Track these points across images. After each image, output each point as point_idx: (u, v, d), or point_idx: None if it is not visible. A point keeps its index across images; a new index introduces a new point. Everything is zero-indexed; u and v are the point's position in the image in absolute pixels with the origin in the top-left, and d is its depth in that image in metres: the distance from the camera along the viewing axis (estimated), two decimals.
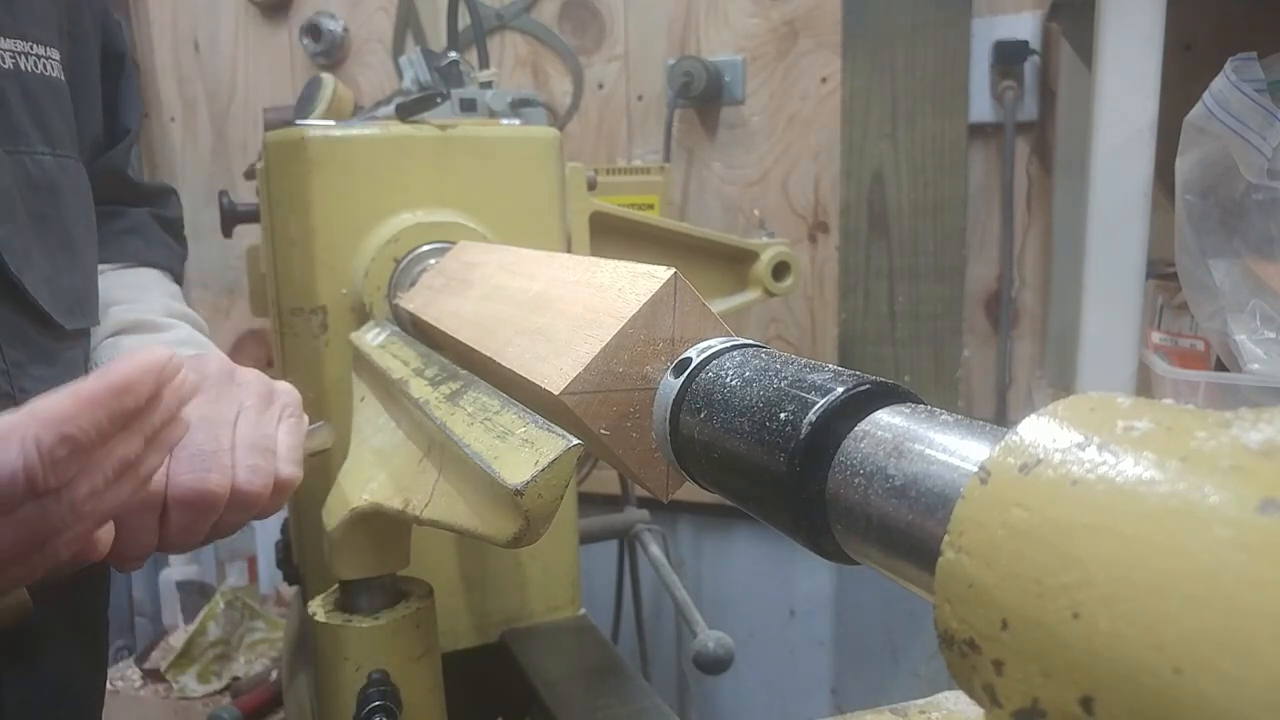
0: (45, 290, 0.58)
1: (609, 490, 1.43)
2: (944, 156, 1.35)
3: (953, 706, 0.41)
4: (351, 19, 1.72)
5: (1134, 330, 0.93)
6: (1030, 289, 1.39)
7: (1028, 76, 1.32)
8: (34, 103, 0.58)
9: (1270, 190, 0.85)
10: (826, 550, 0.30)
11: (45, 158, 0.59)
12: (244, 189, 1.62)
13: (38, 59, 0.59)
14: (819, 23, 1.42)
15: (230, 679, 1.55)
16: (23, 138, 0.57)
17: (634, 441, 0.39)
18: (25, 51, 0.58)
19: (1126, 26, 0.88)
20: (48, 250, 0.58)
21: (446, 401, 0.49)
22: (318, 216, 0.77)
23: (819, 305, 1.49)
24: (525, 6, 1.59)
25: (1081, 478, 0.19)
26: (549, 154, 0.84)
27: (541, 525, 0.38)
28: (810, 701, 1.60)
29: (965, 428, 0.26)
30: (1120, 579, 0.17)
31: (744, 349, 0.37)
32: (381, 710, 0.57)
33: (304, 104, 1.04)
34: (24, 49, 0.57)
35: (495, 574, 0.88)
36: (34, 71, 0.58)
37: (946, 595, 0.22)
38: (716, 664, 0.93)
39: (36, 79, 0.58)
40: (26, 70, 0.58)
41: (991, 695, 0.20)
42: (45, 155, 0.59)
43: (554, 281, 0.48)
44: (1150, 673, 0.16)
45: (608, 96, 1.57)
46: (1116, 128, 0.90)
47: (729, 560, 1.61)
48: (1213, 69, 0.87)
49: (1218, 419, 0.19)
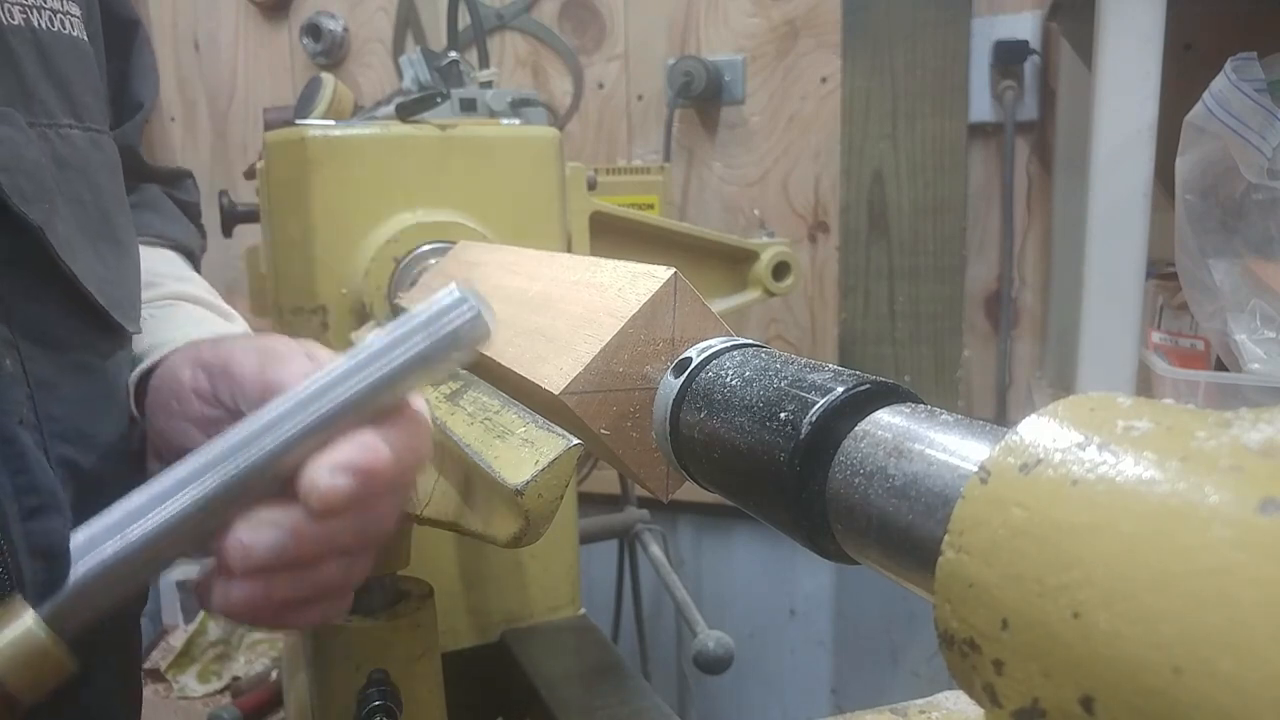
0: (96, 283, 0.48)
1: (609, 490, 1.43)
2: (944, 156, 1.35)
3: (953, 706, 0.41)
4: (351, 19, 1.72)
5: (1134, 330, 0.93)
6: (1030, 289, 1.39)
7: (1028, 76, 1.32)
8: (53, 66, 0.48)
9: (1270, 190, 0.85)
10: (826, 550, 0.30)
11: (73, 131, 0.49)
12: (244, 189, 1.62)
13: (53, 14, 0.49)
14: (819, 23, 1.42)
15: (230, 679, 1.55)
16: (42, 107, 0.47)
17: (634, 441, 0.39)
18: (38, 5, 0.48)
19: (1126, 26, 0.88)
20: (89, 239, 0.49)
21: (446, 401, 0.49)
22: (318, 216, 0.77)
23: (819, 305, 1.49)
24: (525, 6, 1.59)
25: (1082, 477, 0.19)
26: (549, 154, 0.84)
27: (542, 525, 0.38)
28: (810, 701, 1.60)
29: (965, 427, 0.26)
30: (1120, 578, 0.17)
31: (744, 349, 0.37)
32: (381, 710, 0.57)
33: (304, 104, 1.03)
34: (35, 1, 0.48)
35: (495, 574, 0.88)
36: (49, 28, 0.48)
37: (946, 595, 0.22)
38: (716, 664, 0.93)
39: (54, 37, 0.48)
40: (40, 27, 0.48)
41: (991, 695, 0.20)
42: (72, 129, 0.49)
43: (554, 281, 0.48)
44: (1150, 672, 0.16)
45: (608, 96, 1.57)
46: (1116, 128, 0.90)
47: (729, 560, 1.61)
48: (1213, 69, 0.87)
49: (1218, 419, 0.19)
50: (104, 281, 0.49)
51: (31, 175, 0.45)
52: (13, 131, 0.44)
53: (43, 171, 0.46)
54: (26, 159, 0.44)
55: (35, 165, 0.45)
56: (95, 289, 0.48)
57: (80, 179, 0.49)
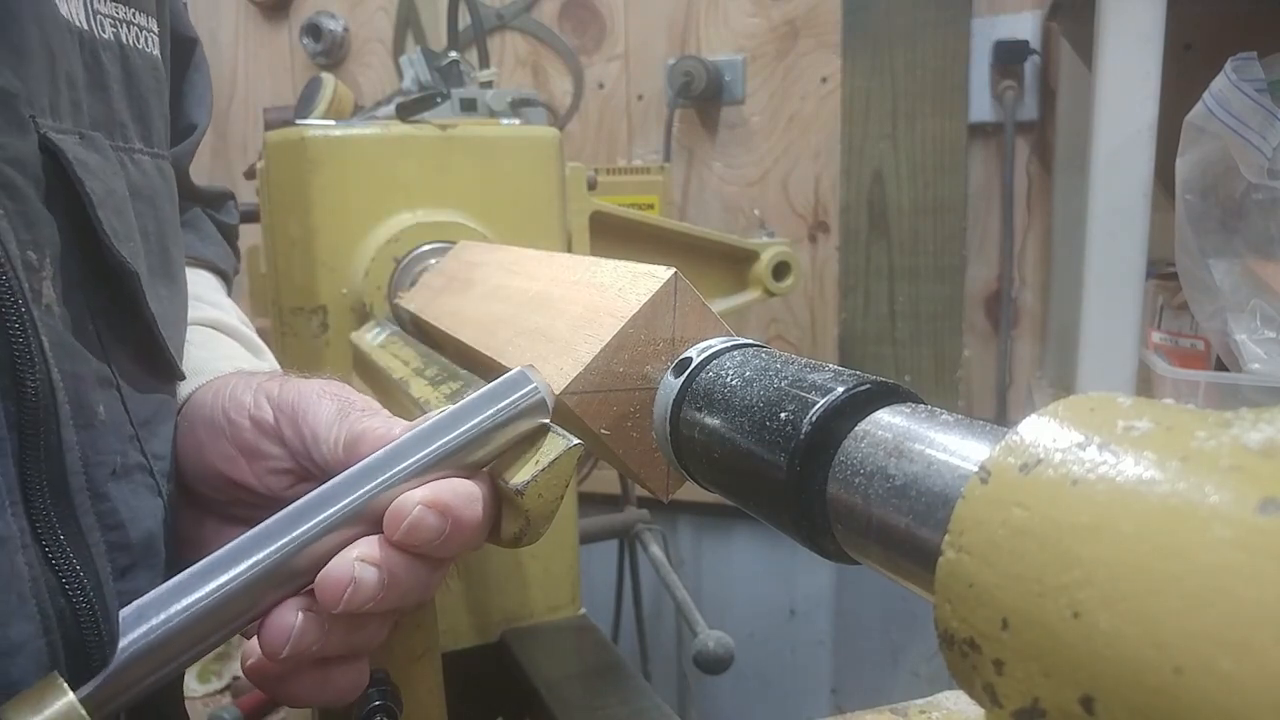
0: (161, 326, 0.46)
1: (609, 490, 1.43)
2: (944, 156, 1.35)
3: (953, 706, 0.41)
4: (351, 19, 1.72)
5: (1134, 330, 0.93)
6: (1030, 289, 1.39)
7: (1028, 76, 1.32)
8: (134, 86, 0.46)
9: (1270, 190, 0.85)
10: (826, 550, 0.30)
11: (144, 157, 0.46)
12: (244, 189, 1.62)
13: (140, 30, 0.46)
14: (819, 23, 1.42)
15: (230, 679, 1.55)
16: (120, 129, 0.44)
17: (634, 441, 0.39)
18: (128, 20, 0.45)
19: (1126, 26, 0.88)
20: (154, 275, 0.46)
21: (447, 401, 0.49)
22: (318, 216, 0.77)
23: (819, 305, 1.49)
24: (525, 6, 1.59)
25: (1082, 477, 0.19)
26: (549, 154, 0.84)
27: (542, 525, 0.38)
28: (810, 701, 1.60)
29: (965, 427, 0.26)
30: (1120, 578, 0.17)
31: (744, 349, 0.37)
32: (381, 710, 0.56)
33: (304, 104, 1.04)
34: (126, 16, 0.45)
35: (495, 574, 0.88)
36: (135, 45, 0.46)
37: (947, 595, 0.22)
38: (716, 664, 0.93)
39: (138, 55, 0.46)
40: (128, 44, 0.45)
41: (992, 695, 0.20)
42: (143, 154, 0.46)
43: (554, 281, 0.48)
44: (1151, 672, 0.16)
45: (608, 96, 1.57)
46: (1116, 128, 0.90)
47: (729, 560, 1.61)
48: (1213, 69, 0.87)
49: (1218, 419, 0.19)
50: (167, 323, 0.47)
51: (121, 212, 0.43)
52: (103, 161, 0.42)
53: (127, 205, 0.44)
54: (116, 194, 0.43)
55: (122, 200, 0.43)
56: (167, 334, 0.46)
57: (149, 210, 0.46)
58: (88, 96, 0.42)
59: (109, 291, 0.42)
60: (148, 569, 0.42)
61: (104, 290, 0.42)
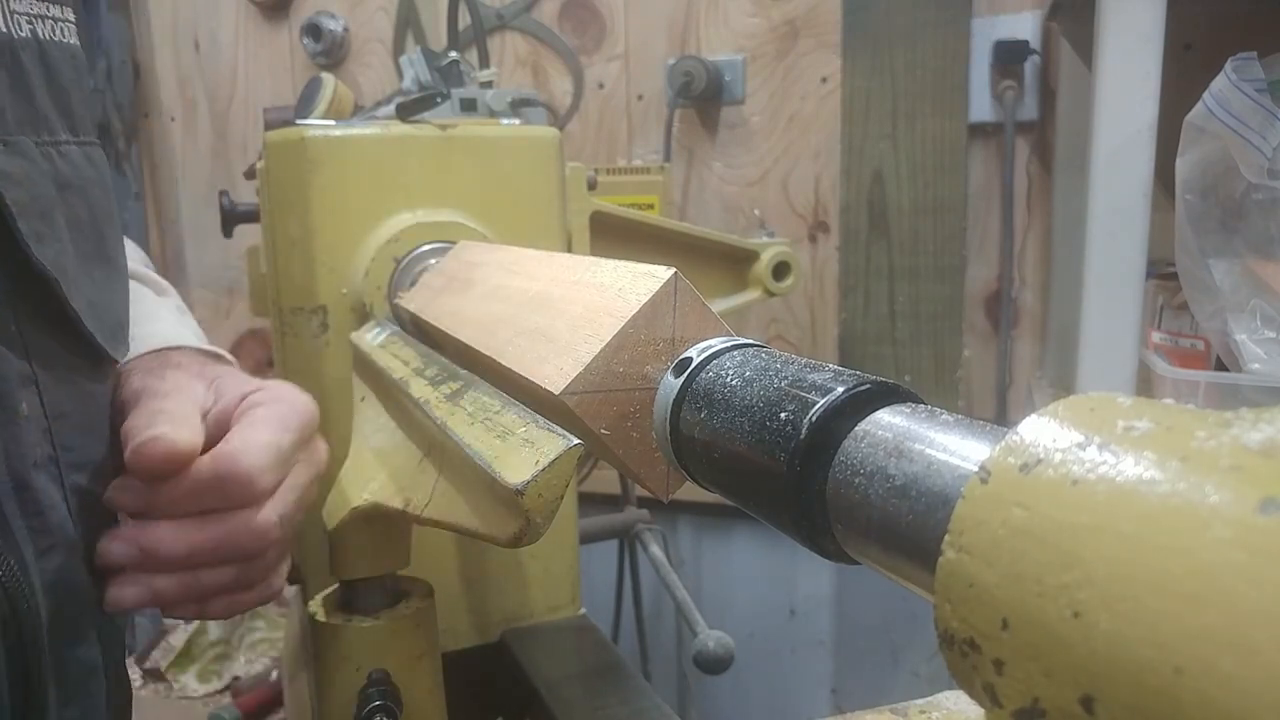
0: (92, 315, 0.48)
1: (609, 490, 1.42)
2: (944, 156, 1.35)
3: (953, 706, 0.41)
4: (351, 19, 1.72)
5: (1134, 330, 0.93)
6: (1030, 289, 1.39)
7: (1028, 76, 1.32)
8: (54, 79, 0.46)
9: (1270, 190, 0.85)
10: (826, 550, 0.30)
11: (70, 148, 0.47)
12: (244, 189, 1.62)
13: (55, 23, 0.47)
14: (819, 23, 1.42)
15: (230, 679, 1.55)
16: (45, 124, 0.45)
17: (634, 441, 0.39)
18: (43, 14, 0.46)
19: (1126, 26, 0.88)
20: (87, 265, 0.48)
21: (447, 401, 0.49)
22: (318, 216, 0.77)
23: (819, 305, 1.49)
24: (525, 6, 1.59)
25: (1082, 477, 0.19)
26: (549, 154, 0.84)
27: (542, 525, 0.38)
28: (810, 701, 1.60)
29: (965, 427, 0.26)
30: (1121, 578, 0.17)
31: (744, 349, 0.37)
32: (382, 710, 0.57)
33: (304, 104, 1.03)
34: (40, 10, 0.45)
35: (495, 574, 0.88)
36: (52, 39, 0.46)
37: (947, 595, 0.22)
38: (717, 664, 0.93)
39: (55, 47, 0.47)
40: (45, 38, 0.46)
41: (992, 695, 0.20)
42: (69, 144, 0.47)
43: (554, 281, 0.48)
44: (1151, 672, 0.16)
45: (608, 96, 1.57)
46: (1116, 128, 0.90)
47: (729, 560, 1.61)
48: (1213, 69, 0.87)
49: (1218, 419, 0.19)
50: (96, 307, 0.49)
51: (45, 214, 0.44)
52: (26, 164, 0.43)
53: (52, 205, 0.45)
54: (42, 197, 0.44)
55: (47, 201, 0.45)
56: (90, 320, 0.48)
57: (79, 199, 0.48)
58: (10, 99, 0.43)
59: (34, 295, 0.45)
60: (64, 548, 0.45)
61: (29, 294, 0.44)
